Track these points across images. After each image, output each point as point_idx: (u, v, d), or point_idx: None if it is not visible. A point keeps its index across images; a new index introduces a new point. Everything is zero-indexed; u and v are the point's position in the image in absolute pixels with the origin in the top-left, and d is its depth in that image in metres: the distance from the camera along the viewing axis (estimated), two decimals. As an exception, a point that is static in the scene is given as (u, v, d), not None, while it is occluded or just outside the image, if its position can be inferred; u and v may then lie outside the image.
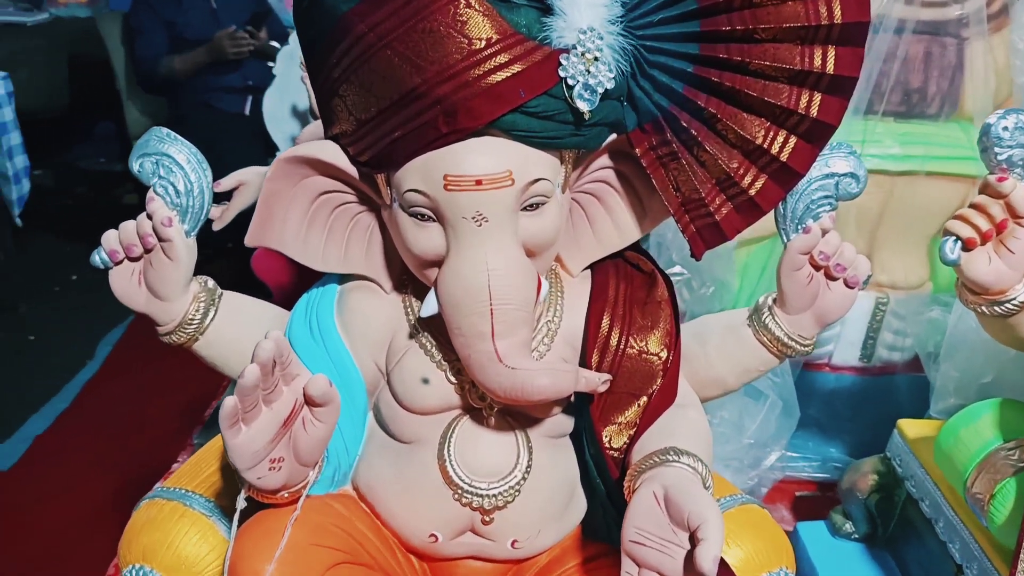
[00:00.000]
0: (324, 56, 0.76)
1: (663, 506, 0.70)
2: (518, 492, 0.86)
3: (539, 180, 0.77)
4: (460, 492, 0.85)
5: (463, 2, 0.70)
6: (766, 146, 0.79)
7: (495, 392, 0.79)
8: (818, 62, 0.75)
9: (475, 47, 0.71)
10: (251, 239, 0.85)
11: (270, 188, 0.82)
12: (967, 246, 0.89)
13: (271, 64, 2.06)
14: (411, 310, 0.88)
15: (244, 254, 1.31)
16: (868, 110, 1.31)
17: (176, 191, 0.85)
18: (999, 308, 0.90)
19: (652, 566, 0.69)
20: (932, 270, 1.45)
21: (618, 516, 0.74)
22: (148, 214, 0.85)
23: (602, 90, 0.75)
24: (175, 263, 0.86)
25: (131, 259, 0.87)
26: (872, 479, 1.23)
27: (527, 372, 0.77)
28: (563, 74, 0.73)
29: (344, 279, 0.92)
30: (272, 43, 2.67)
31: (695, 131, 0.78)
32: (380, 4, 0.71)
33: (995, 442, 0.98)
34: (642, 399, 0.86)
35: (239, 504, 0.78)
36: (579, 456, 0.91)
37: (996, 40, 1.28)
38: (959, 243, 0.89)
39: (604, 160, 0.85)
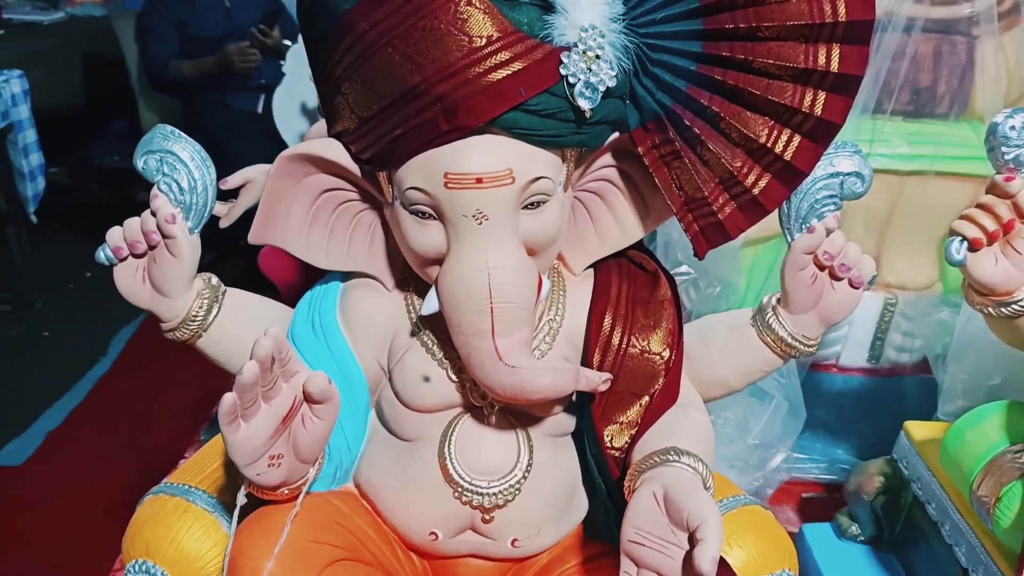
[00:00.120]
0: (326, 54, 0.77)
1: (662, 506, 0.70)
2: (518, 491, 0.86)
3: (540, 178, 0.77)
4: (460, 490, 0.85)
5: (464, 0, 0.70)
6: (770, 145, 0.78)
7: (495, 390, 0.79)
8: (822, 60, 0.74)
9: (476, 45, 0.71)
10: (254, 236, 0.85)
11: (273, 185, 0.83)
12: (973, 246, 0.88)
13: (283, 62, 2.07)
14: (413, 308, 0.88)
15: (255, 252, 1.32)
16: (877, 109, 1.30)
17: (180, 188, 0.85)
18: (1006, 309, 0.89)
19: (651, 566, 0.69)
20: (941, 271, 1.44)
21: (619, 516, 0.74)
22: (152, 211, 0.85)
23: (603, 88, 0.74)
24: (179, 260, 0.86)
25: (135, 256, 0.88)
26: (878, 481, 1.22)
27: (527, 371, 0.77)
28: (564, 72, 0.73)
29: (347, 277, 0.92)
30: (285, 41, 2.68)
31: (698, 130, 0.78)
32: (381, 2, 0.71)
33: (1001, 445, 0.97)
34: (644, 399, 0.85)
35: (239, 500, 0.78)
36: (580, 455, 0.90)
37: (1007, 39, 1.27)
38: (965, 243, 0.88)
39: (607, 159, 0.85)
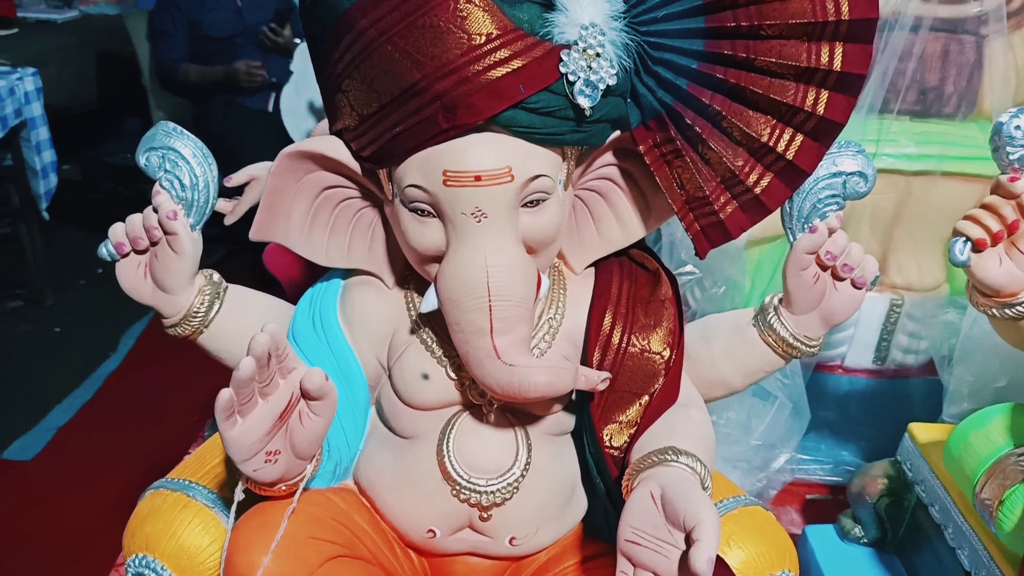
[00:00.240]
0: (328, 52, 0.77)
1: (660, 506, 0.70)
2: (516, 489, 0.86)
3: (539, 176, 0.77)
4: (458, 488, 0.85)
5: None
6: (772, 144, 0.78)
7: (493, 388, 0.79)
8: (825, 59, 0.74)
9: (475, 43, 0.71)
10: (255, 233, 0.86)
11: (274, 183, 0.83)
12: (977, 247, 0.87)
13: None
14: (413, 306, 0.88)
15: (262, 249, 1.32)
16: (883, 109, 1.30)
17: (182, 185, 0.86)
18: (1010, 311, 0.88)
19: (647, 566, 0.68)
20: (948, 272, 1.43)
21: (618, 515, 0.74)
22: (154, 207, 0.86)
23: (603, 86, 0.74)
24: (180, 256, 0.87)
25: (137, 251, 0.88)
26: (882, 483, 1.21)
27: (525, 369, 0.77)
28: (564, 70, 0.73)
29: (348, 274, 0.93)
30: (296, 40, 2.69)
31: (700, 128, 0.77)
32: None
33: (1005, 447, 0.96)
34: (643, 398, 0.85)
35: (237, 496, 0.78)
36: (580, 454, 0.90)
37: (1016, 38, 1.26)
38: (969, 244, 0.88)
39: (608, 157, 0.85)
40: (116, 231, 0.87)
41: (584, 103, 0.74)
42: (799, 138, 0.78)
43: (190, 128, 0.86)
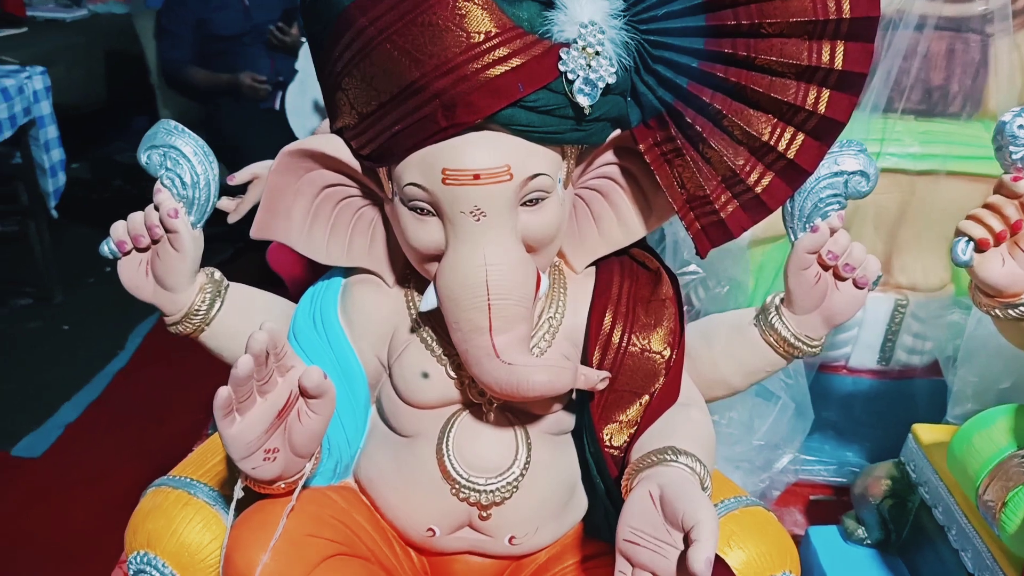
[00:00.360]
0: (328, 50, 0.77)
1: (658, 506, 0.69)
2: (516, 488, 0.85)
3: (538, 175, 0.77)
4: (458, 487, 0.85)
5: None
6: (773, 143, 0.77)
7: (491, 387, 0.79)
8: (826, 58, 0.74)
9: (474, 41, 0.71)
10: (256, 231, 0.86)
11: (274, 181, 0.83)
12: (980, 247, 0.87)
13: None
14: (413, 304, 0.88)
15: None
16: (888, 108, 1.29)
17: (182, 183, 0.86)
18: (1013, 311, 0.87)
19: (645, 566, 0.68)
20: (953, 272, 1.42)
21: (618, 515, 0.74)
22: (155, 205, 0.86)
23: (603, 85, 0.74)
24: (181, 254, 0.87)
25: (139, 249, 0.89)
26: (885, 484, 1.21)
27: (524, 368, 0.77)
28: (563, 68, 0.73)
29: (349, 272, 0.93)
30: (303, 39, 2.70)
31: (700, 127, 0.77)
32: None
33: (1008, 449, 0.95)
34: (644, 397, 0.85)
35: (236, 494, 0.79)
36: (580, 454, 0.90)
37: (1022, 37, 1.25)
38: (971, 244, 0.87)
39: (609, 156, 0.85)
40: (118, 229, 0.88)
41: (583, 101, 0.74)
42: (800, 137, 0.78)
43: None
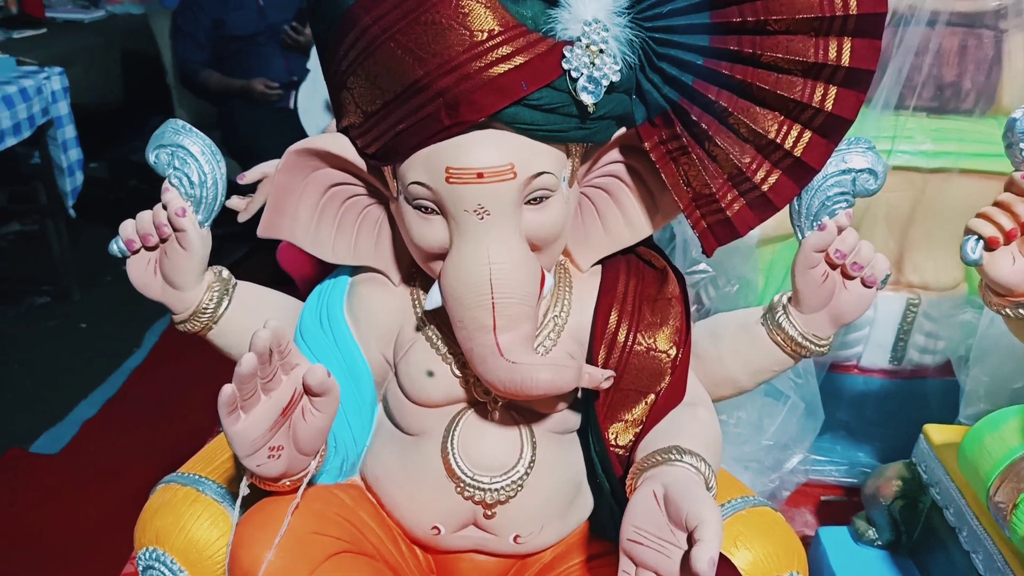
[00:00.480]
0: (333, 49, 0.77)
1: (662, 505, 0.69)
2: (521, 487, 0.85)
3: (543, 174, 0.76)
4: (462, 485, 0.85)
5: None
6: (779, 141, 0.77)
7: (495, 386, 0.79)
8: (833, 54, 0.73)
9: (477, 39, 0.70)
10: (263, 230, 0.86)
11: (281, 180, 0.83)
12: (990, 245, 0.85)
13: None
14: (418, 303, 0.89)
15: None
16: (899, 105, 1.27)
17: (190, 182, 0.86)
18: (1024, 311, 0.86)
19: (649, 566, 0.68)
20: (966, 271, 1.40)
21: (622, 514, 0.73)
22: (163, 204, 0.87)
23: (607, 83, 0.73)
24: (189, 252, 0.87)
25: (147, 248, 0.89)
26: (896, 485, 1.19)
27: (528, 367, 0.77)
28: (567, 66, 0.72)
29: (355, 271, 0.93)
30: (317, 39, 2.71)
31: (706, 125, 0.77)
32: None
33: (1020, 450, 0.94)
34: (649, 397, 0.85)
35: (241, 491, 0.79)
36: (585, 453, 0.90)
37: (1036, 32, 1.24)
38: (981, 242, 0.86)
39: (614, 154, 0.84)
40: (126, 228, 0.89)
41: (587, 100, 0.74)
42: (807, 135, 0.77)
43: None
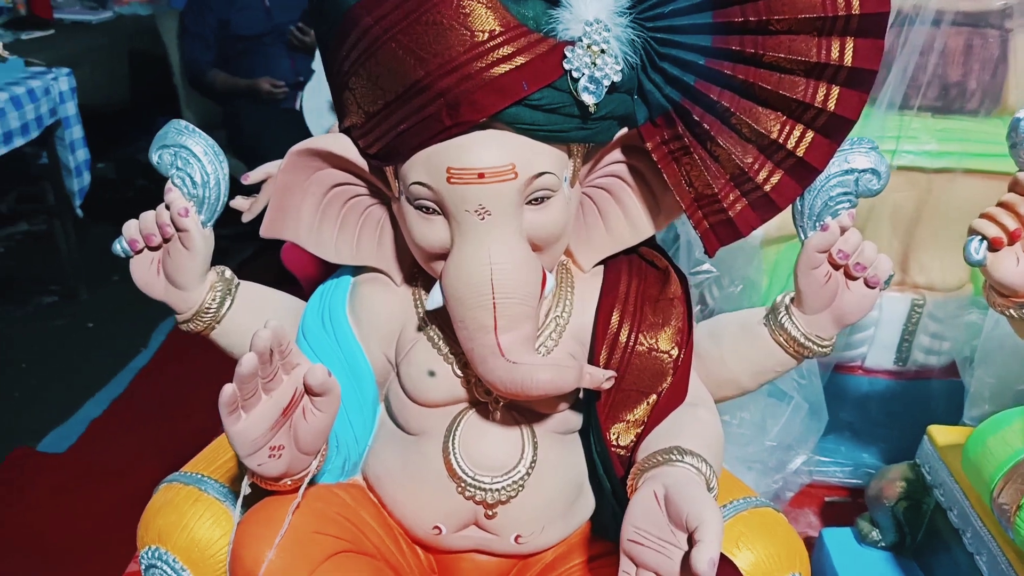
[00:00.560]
0: (335, 50, 0.77)
1: (663, 506, 0.69)
2: (522, 487, 0.85)
3: (544, 174, 0.77)
4: (464, 485, 0.85)
5: None
6: (782, 141, 0.77)
7: (496, 386, 0.79)
8: (835, 54, 0.73)
9: (478, 39, 0.71)
10: (265, 230, 0.86)
11: (284, 180, 0.84)
12: (993, 246, 0.85)
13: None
14: (420, 303, 0.89)
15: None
16: (904, 105, 1.27)
17: (193, 182, 0.87)
18: (1028, 311, 0.86)
19: (649, 566, 0.68)
20: (971, 272, 1.39)
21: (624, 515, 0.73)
22: (166, 204, 0.87)
23: (608, 83, 0.74)
24: (191, 252, 0.88)
25: (150, 248, 0.90)
26: (900, 486, 1.19)
27: (528, 367, 0.77)
28: (568, 66, 0.73)
29: (358, 271, 0.93)
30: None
31: (708, 125, 0.76)
32: None
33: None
34: (651, 397, 0.85)
35: (243, 490, 0.79)
36: (587, 453, 0.90)
37: (1042, 32, 1.23)
38: (985, 243, 0.85)
39: (616, 154, 0.84)
40: (130, 228, 0.89)
41: (588, 100, 0.74)
42: (809, 135, 0.77)
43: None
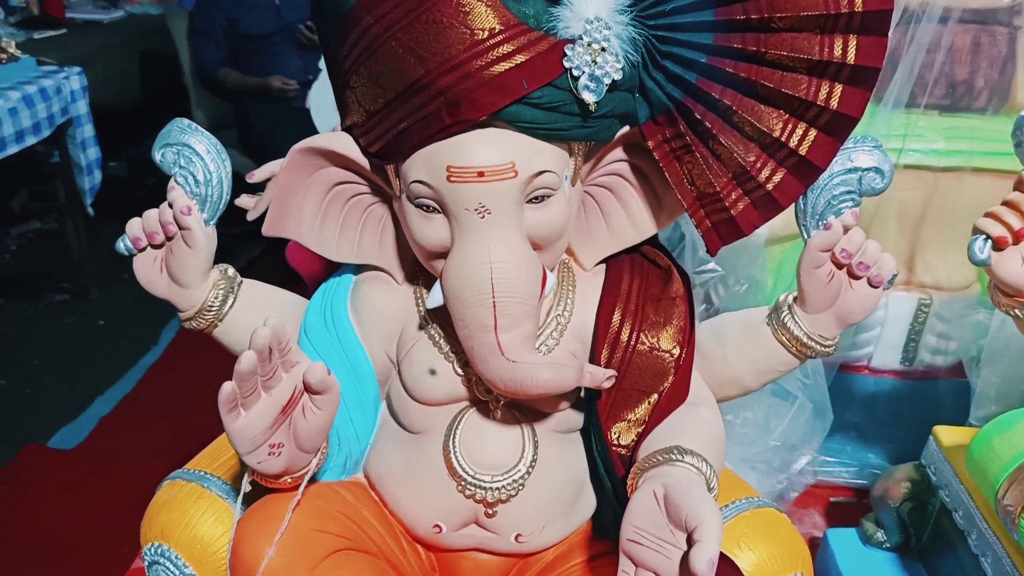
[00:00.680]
0: (336, 48, 0.77)
1: (662, 505, 0.69)
2: (522, 486, 0.85)
3: (544, 172, 0.76)
4: (464, 484, 0.85)
5: None
6: (784, 139, 0.76)
7: (496, 384, 0.79)
8: (838, 52, 0.72)
9: (478, 37, 0.70)
10: (268, 228, 0.87)
11: (286, 179, 0.84)
12: (998, 245, 0.84)
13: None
14: (422, 301, 0.89)
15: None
16: (911, 103, 1.26)
17: (196, 181, 0.87)
18: (1033, 312, 0.85)
19: (648, 566, 0.68)
20: (978, 271, 1.38)
21: None
22: (169, 202, 0.87)
23: (608, 81, 0.73)
24: (194, 250, 0.88)
25: (153, 246, 0.90)
26: (905, 487, 1.18)
27: (528, 366, 0.77)
28: (568, 64, 0.72)
29: (360, 269, 0.93)
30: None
31: (710, 123, 0.76)
32: None
33: (1029, 452, 0.93)
34: (652, 396, 0.85)
35: (243, 488, 0.80)
36: (588, 452, 0.90)
37: (1052, 30, 1.22)
38: (989, 242, 0.85)
39: (618, 153, 0.84)
40: (133, 226, 0.89)
41: (589, 98, 0.73)
42: (812, 133, 0.76)
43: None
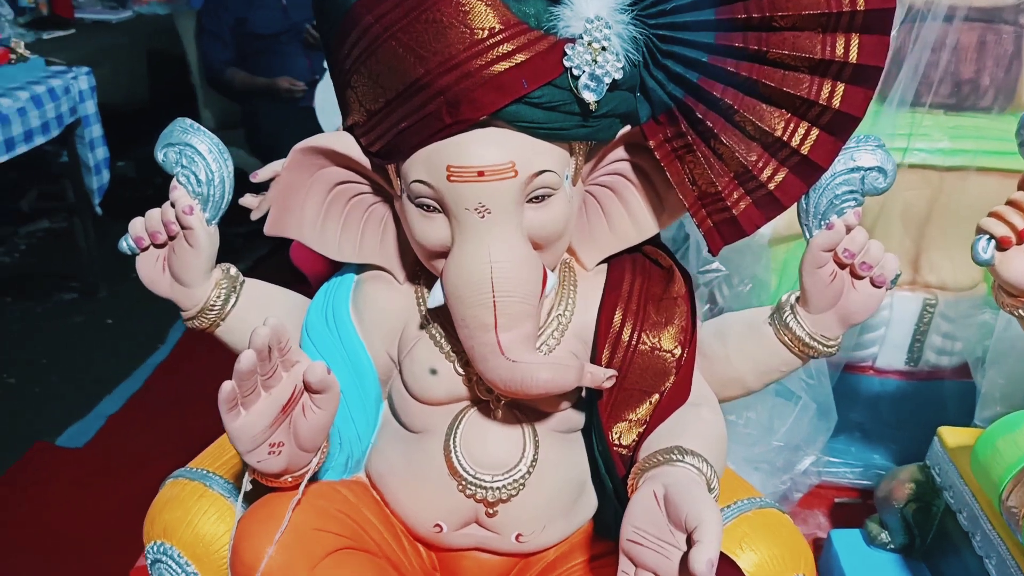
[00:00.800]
0: (337, 48, 0.78)
1: (662, 506, 0.69)
2: (523, 486, 0.85)
3: (544, 172, 0.76)
4: (464, 483, 0.85)
5: None
6: (786, 139, 0.76)
7: (496, 384, 0.79)
8: (840, 51, 0.72)
9: (478, 37, 0.70)
10: (269, 228, 0.87)
11: (287, 178, 0.84)
12: (1002, 245, 0.84)
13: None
14: (423, 301, 0.89)
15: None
16: (916, 102, 1.25)
17: (198, 180, 0.87)
18: (1038, 312, 0.84)
19: (648, 566, 0.67)
20: (984, 271, 1.37)
21: None
22: (171, 202, 0.88)
23: (609, 80, 0.73)
24: (196, 250, 0.88)
25: (156, 245, 0.90)
26: (909, 488, 1.18)
27: (528, 365, 0.77)
28: (568, 64, 0.72)
29: (361, 269, 0.93)
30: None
31: (711, 123, 0.76)
32: None
33: (1033, 454, 0.92)
34: (654, 396, 0.84)
35: (244, 487, 0.80)
36: (589, 452, 0.89)
37: (1058, 28, 1.21)
38: (993, 242, 0.84)
39: (619, 152, 0.84)
40: (135, 225, 0.90)
41: (589, 97, 0.73)
42: (814, 132, 0.76)
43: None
